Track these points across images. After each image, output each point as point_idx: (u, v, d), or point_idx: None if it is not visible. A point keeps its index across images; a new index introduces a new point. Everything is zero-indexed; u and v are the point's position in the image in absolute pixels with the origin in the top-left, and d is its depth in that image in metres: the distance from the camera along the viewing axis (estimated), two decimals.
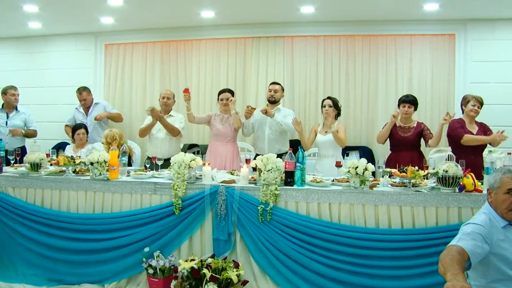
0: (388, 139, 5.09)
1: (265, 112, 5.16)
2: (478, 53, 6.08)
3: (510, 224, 2.39)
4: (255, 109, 5.31)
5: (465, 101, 4.87)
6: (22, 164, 4.72)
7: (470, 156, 4.42)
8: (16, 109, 6.18)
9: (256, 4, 5.66)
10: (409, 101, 5.03)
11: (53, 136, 6.75)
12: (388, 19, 6.19)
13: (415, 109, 5.10)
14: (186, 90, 5.25)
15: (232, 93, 5.40)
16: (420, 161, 4.48)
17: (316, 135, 5.12)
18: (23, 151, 5.76)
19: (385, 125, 5.13)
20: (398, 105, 5.12)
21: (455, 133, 4.75)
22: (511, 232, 2.38)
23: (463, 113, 4.90)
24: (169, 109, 5.65)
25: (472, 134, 4.71)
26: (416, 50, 6.36)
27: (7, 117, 6.12)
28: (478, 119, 4.87)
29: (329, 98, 5.20)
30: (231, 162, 5.24)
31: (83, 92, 6.48)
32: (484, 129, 4.82)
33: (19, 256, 4.16)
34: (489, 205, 2.49)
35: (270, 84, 5.55)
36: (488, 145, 4.74)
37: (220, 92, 5.44)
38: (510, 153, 3.95)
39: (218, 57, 6.85)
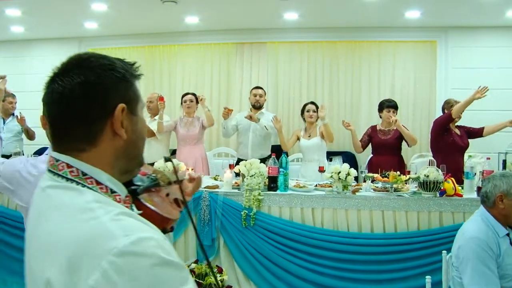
0: (370, 142, 5.14)
1: (250, 118, 5.14)
2: (459, 60, 6.18)
3: (507, 235, 2.32)
4: (231, 110, 5.26)
5: (448, 105, 4.86)
6: None
7: (452, 160, 4.43)
8: (13, 115, 6.07)
9: (240, 10, 5.69)
10: (393, 106, 5.08)
11: (36, 141, 6.67)
12: (371, 26, 6.26)
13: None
14: (161, 99, 5.22)
15: (195, 96, 5.39)
16: (400, 166, 4.52)
17: (297, 139, 5.15)
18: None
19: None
20: (381, 109, 5.16)
21: (442, 118, 4.74)
22: (507, 242, 2.31)
23: None
24: (155, 112, 5.51)
25: (457, 135, 4.73)
26: (398, 57, 6.45)
27: (4, 123, 5.99)
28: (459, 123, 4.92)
29: (312, 103, 5.23)
30: (200, 165, 5.24)
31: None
32: (466, 131, 4.86)
33: (0, 263, 4.10)
34: (488, 212, 2.37)
35: (253, 88, 5.50)
36: (468, 151, 4.77)
37: (184, 95, 5.43)
38: (489, 158, 4.03)
39: (203, 62, 6.85)
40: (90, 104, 0.91)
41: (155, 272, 0.76)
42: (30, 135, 6.10)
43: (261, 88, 5.51)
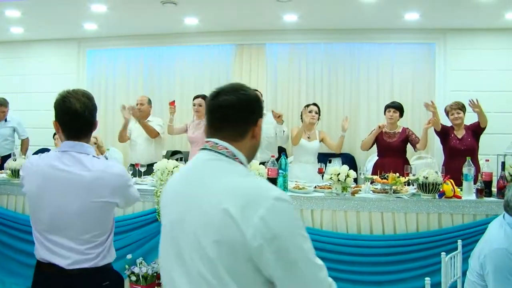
0: (376, 145, 5.15)
1: (278, 117, 5.03)
2: (458, 62, 6.18)
3: None
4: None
5: (446, 112, 5.00)
6: (2, 171, 4.66)
7: (454, 163, 4.43)
8: (5, 120, 6.14)
9: (239, 11, 5.69)
10: (394, 106, 5.11)
11: (34, 142, 6.65)
12: (370, 28, 6.26)
13: (401, 115, 5.16)
14: (172, 103, 5.33)
15: (205, 98, 5.38)
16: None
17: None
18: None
19: (371, 132, 5.20)
20: (384, 112, 5.18)
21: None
22: None
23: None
24: (144, 115, 5.52)
25: (457, 138, 4.81)
26: (397, 59, 6.45)
27: None
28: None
29: (314, 104, 5.22)
30: None
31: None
32: (471, 128, 4.89)
33: None
34: None
35: None
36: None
37: (194, 98, 5.38)
38: (488, 160, 4.04)
39: (202, 64, 6.85)
40: (248, 112, 1.46)
41: (293, 211, 1.32)
42: (23, 146, 6.24)
43: (256, 90, 5.50)
